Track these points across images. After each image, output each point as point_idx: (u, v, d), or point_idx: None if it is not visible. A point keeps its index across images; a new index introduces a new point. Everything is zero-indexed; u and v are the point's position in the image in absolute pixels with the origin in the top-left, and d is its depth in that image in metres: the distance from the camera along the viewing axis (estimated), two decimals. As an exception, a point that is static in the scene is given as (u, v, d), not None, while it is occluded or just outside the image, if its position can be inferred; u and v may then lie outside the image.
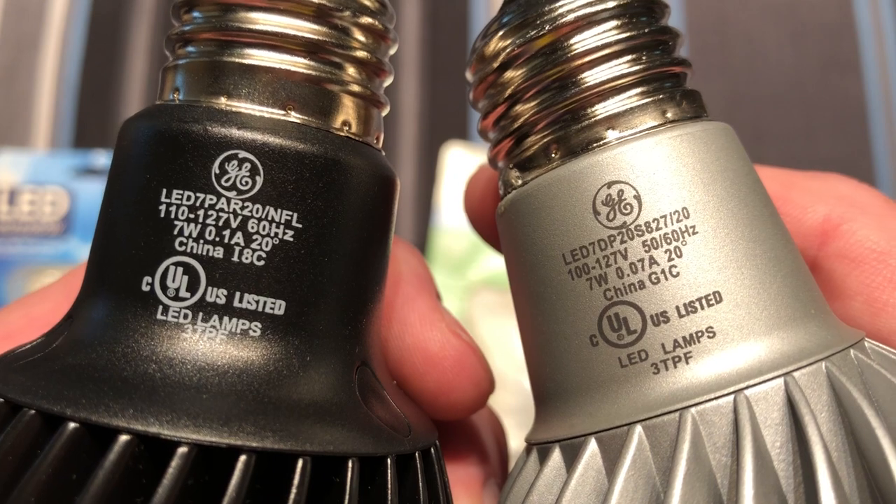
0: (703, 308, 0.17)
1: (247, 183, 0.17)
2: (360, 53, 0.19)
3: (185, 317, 0.16)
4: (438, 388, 0.21)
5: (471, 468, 0.23)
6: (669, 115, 0.18)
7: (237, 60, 0.17)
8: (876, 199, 0.22)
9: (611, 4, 0.19)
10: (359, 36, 0.19)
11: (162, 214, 0.17)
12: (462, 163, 0.58)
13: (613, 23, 0.19)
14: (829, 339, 0.17)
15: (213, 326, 0.16)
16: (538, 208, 0.19)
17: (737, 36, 0.61)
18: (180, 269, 0.17)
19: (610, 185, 0.18)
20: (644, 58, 0.19)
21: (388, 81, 0.20)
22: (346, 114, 0.18)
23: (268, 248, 0.17)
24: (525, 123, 0.19)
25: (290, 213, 0.17)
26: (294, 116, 0.18)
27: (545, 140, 0.19)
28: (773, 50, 0.60)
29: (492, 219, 0.22)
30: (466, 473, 0.22)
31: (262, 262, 0.17)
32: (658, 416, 0.17)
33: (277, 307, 0.17)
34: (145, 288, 0.17)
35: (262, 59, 0.18)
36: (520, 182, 0.19)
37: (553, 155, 0.19)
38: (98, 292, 0.17)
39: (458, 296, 0.54)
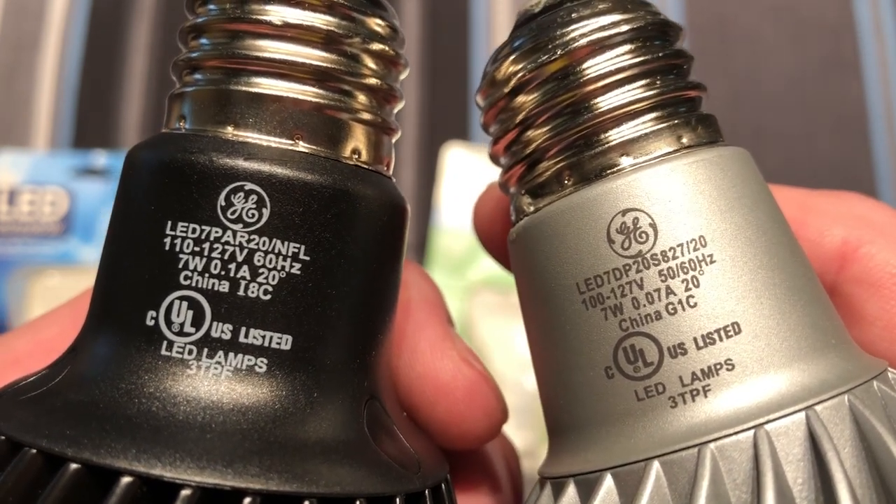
0: (721, 339, 0.17)
1: (253, 215, 0.16)
2: (371, 80, 0.18)
3: (190, 352, 0.16)
4: (450, 418, 0.21)
5: (483, 499, 0.22)
6: (685, 140, 0.18)
7: (244, 89, 0.17)
8: (895, 219, 0.21)
9: (624, 28, 0.18)
10: (369, 63, 0.18)
11: (167, 247, 0.16)
12: (462, 163, 0.58)
13: (627, 47, 0.18)
14: (852, 371, 0.17)
15: (219, 362, 0.16)
16: (551, 236, 0.18)
17: (737, 36, 0.61)
18: (185, 304, 0.16)
19: (625, 212, 0.17)
20: (658, 82, 0.18)
21: (399, 107, 0.20)
22: (356, 142, 0.18)
23: (274, 282, 0.16)
24: (537, 149, 0.19)
25: (298, 245, 0.17)
26: (302, 146, 0.17)
27: (558, 166, 0.18)
28: (773, 50, 0.61)
29: (502, 239, 0.22)
30: None
31: (268, 297, 0.16)
32: (676, 451, 0.16)
33: (284, 342, 0.16)
34: (150, 322, 0.16)
35: (270, 88, 0.17)
36: (532, 209, 0.19)
37: (566, 181, 0.18)
38: (102, 326, 0.17)
39: (458, 296, 0.54)
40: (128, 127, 0.62)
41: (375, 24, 0.18)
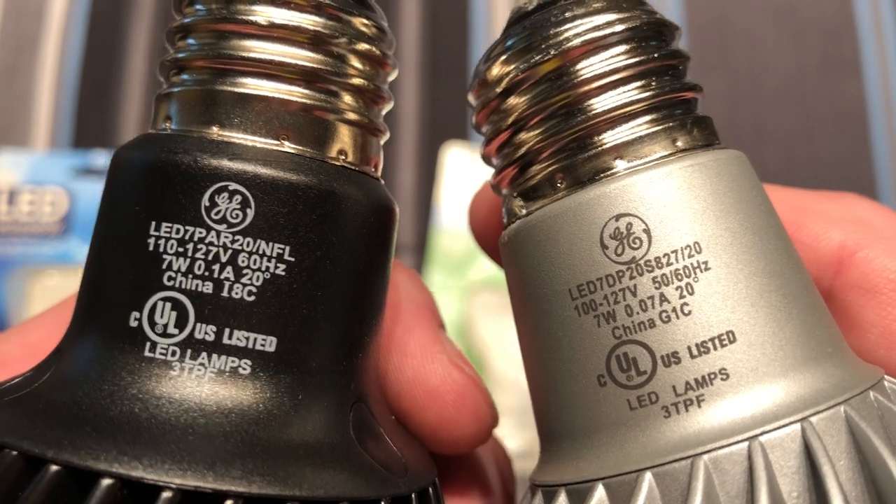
0: (715, 348, 0.16)
1: (237, 216, 0.16)
2: (358, 81, 0.18)
3: (174, 354, 0.16)
4: (439, 422, 0.20)
5: (473, 503, 0.22)
6: (680, 143, 0.18)
7: (230, 89, 0.17)
8: (894, 222, 0.21)
9: (619, 28, 0.18)
10: (356, 63, 0.18)
11: (150, 248, 0.16)
12: (462, 163, 0.58)
13: (622, 47, 0.18)
14: (848, 381, 0.17)
15: (202, 364, 0.16)
16: (543, 240, 0.18)
17: (737, 36, 0.61)
18: (168, 305, 0.16)
19: (618, 217, 0.17)
20: (654, 83, 0.18)
21: (388, 108, 0.19)
22: (343, 142, 0.18)
23: (258, 283, 0.16)
24: (529, 151, 0.18)
25: (282, 246, 0.16)
26: (288, 146, 0.17)
27: (550, 169, 0.18)
28: (773, 50, 0.60)
29: (496, 238, 0.21)
30: None
31: (252, 298, 0.16)
32: (669, 462, 0.16)
33: (268, 344, 0.16)
34: (133, 324, 0.16)
35: (256, 88, 0.17)
36: (524, 212, 0.19)
37: (559, 184, 0.18)
38: (86, 327, 0.17)
39: (458, 296, 0.54)
40: (128, 127, 0.62)
41: (362, 24, 0.18)
